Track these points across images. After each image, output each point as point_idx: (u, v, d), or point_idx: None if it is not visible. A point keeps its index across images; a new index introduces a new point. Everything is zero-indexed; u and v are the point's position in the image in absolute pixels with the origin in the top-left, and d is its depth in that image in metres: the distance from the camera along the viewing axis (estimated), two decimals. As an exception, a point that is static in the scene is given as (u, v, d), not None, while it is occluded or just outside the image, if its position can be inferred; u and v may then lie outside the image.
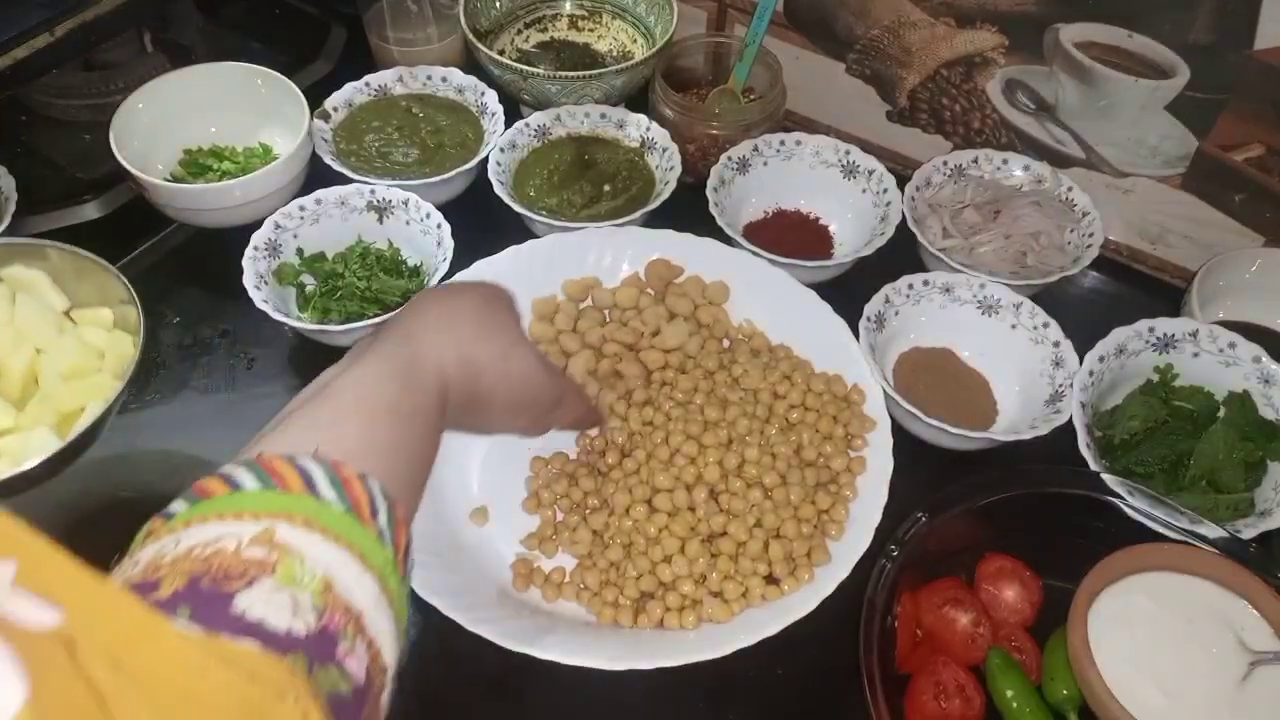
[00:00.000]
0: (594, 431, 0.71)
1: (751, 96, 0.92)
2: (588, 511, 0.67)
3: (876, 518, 0.63)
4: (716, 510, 0.65)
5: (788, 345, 0.75)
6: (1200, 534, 0.60)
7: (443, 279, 0.75)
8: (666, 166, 0.85)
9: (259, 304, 0.73)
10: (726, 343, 0.76)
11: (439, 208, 0.80)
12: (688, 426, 0.67)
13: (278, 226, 0.78)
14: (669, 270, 0.77)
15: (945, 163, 0.85)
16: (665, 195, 0.82)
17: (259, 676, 0.29)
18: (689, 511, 0.65)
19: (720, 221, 0.79)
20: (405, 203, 0.80)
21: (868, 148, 0.86)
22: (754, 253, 0.77)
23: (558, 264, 0.77)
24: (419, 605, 0.59)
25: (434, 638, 0.63)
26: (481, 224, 0.75)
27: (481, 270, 0.76)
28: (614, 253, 0.78)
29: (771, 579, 0.63)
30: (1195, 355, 0.71)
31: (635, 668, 0.57)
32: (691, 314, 0.76)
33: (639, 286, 0.77)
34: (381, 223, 0.82)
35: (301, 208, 0.80)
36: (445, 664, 0.62)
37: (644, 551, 0.64)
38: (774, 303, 0.76)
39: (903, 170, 0.87)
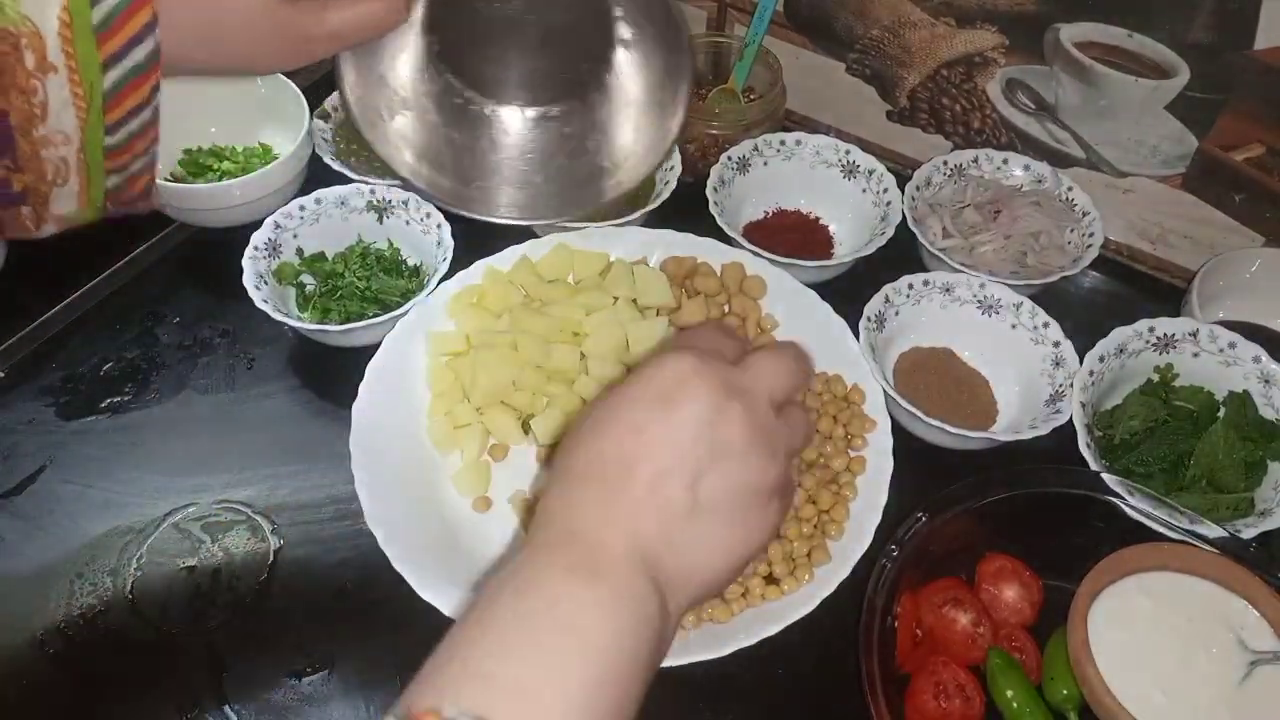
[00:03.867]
0: None
1: (751, 96, 0.92)
2: (588, 511, 0.67)
3: (876, 518, 0.63)
4: (716, 510, 0.65)
5: (788, 345, 0.75)
6: (1200, 534, 0.60)
7: (443, 279, 0.75)
8: (666, 166, 0.85)
9: (259, 304, 0.73)
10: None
11: (439, 208, 0.80)
12: (688, 426, 0.67)
13: (278, 226, 0.78)
14: (680, 267, 0.77)
15: (945, 162, 0.85)
16: (665, 195, 0.82)
17: None
18: (689, 511, 0.65)
19: (720, 221, 0.79)
20: (405, 202, 0.80)
21: (868, 147, 0.86)
22: (754, 253, 0.77)
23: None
24: (419, 605, 0.59)
25: (434, 637, 0.63)
26: (481, 224, 0.75)
27: (482, 271, 0.76)
28: (614, 253, 0.78)
29: (771, 579, 0.63)
30: (1195, 355, 0.71)
31: (635, 668, 0.57)
32: (715, 295, 0.76)
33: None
34: (381, 222, 0.82)
35: (301, 208, 0.79)
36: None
37: (644, 551, 0.64)
38: (774, 302, 0.76)
39: (903, 170, 0.87)
